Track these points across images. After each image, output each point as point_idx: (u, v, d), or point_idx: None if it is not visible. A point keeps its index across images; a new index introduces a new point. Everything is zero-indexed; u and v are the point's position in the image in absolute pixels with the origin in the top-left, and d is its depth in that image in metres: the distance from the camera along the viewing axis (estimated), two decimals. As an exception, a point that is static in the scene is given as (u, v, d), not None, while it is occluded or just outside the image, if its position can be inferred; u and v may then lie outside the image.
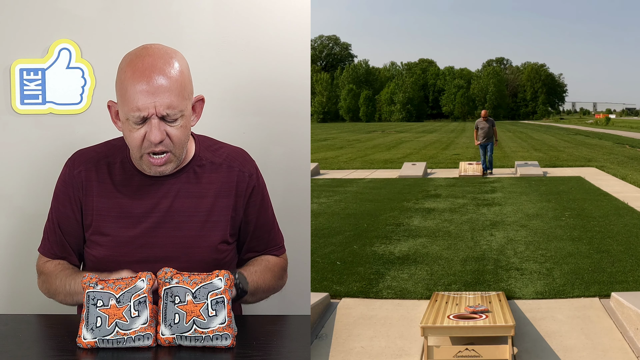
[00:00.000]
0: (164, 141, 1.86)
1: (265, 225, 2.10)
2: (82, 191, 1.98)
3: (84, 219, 1.99)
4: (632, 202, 7.55)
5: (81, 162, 2.01)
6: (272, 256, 2.11)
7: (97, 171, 1.99)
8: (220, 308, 1.65)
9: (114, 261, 1.93)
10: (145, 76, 1.80)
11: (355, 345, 3.28)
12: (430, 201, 8.10)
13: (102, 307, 1.64)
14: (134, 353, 1.63)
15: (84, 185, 1.98)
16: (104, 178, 1.98)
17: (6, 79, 2.56)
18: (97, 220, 1.97)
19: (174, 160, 1.92)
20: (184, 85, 1.86)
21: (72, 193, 1.99)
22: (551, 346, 3.22)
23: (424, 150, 17.85)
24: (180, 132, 1.88)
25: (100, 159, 2.00)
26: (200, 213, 1.98)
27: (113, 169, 1.98)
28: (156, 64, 1.82)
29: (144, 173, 1.96)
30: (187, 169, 1.99)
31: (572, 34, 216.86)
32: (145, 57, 1.83)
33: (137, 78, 1.81)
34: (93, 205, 1.97)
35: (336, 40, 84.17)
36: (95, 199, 1.97)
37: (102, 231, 1.97)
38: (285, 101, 2.62)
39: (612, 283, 4.28)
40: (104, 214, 1.97)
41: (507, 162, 13.08)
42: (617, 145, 18.57)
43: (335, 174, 11.70)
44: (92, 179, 1.98)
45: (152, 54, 1.84)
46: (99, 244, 1.97)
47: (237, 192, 2.02)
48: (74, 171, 2.00)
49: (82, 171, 1.99)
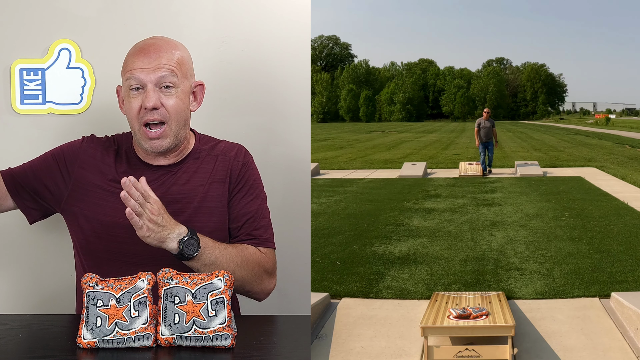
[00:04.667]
0: (160, 110, 1.97)
1: (249, 214, 2.08)
2: (78, 163, 2.07)
3: (71, 189, 2.06)
4: (632, 202, 7.55)
5: (93, 142, 2.13)
6: (251, 246, 2.06)
7: (104, 154, 2.09)
8: (220, 308, 1.65)
9: (104, 237, 2.02)
10: (144, 50, 2.00)
11: (355, 345, 3.28)
12: (430, 201, 8.10)
13: (102, 307, 1.64)
14: (134, 353, 1.63)
15: (86, 160, 2.08)
16: (109, 162, 2.08)
17: (6, 79, 2.56)
18: (85, 194, 2.04)
19: (170, 135, 2.00)
20: (182, 62, 2.02)
21: (67, 160, 2.09)
22: (551, 346, 3.22)
23: (424, 150, 17.84)
24: (175, 104, 1.99)
25: (110, 145, 2.12)
26: (196, 199, 2.03)
27: (119, 154, 2.09)
28: (156, 43, 2.02)
29: (147, 162, 2.05)
30: (187, 159, 2.08)
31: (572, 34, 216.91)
32: (149, 40, 2.04)
33: (137, 52, 2.00)
34: (87, 179, 2.06)
35: (336, 40, 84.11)
36: (91, 175, 2.06)
37: (92, 209, 2.04)
38: (285, 101, 2.62)
39: (612, 283, 4.27)
40: (97, 187, 2.04)
41: (507, 162, 13.07)
42: (617, 145, 18.56)
43: (335, 174, 11.69)
44: (97, 158, 2.08)
45: (157, 39, 2.05)
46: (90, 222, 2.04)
47: (230, 179, 2.08)
48: (83, 143, 2.12)
49: (91, 148, 2.10)
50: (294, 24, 2.60)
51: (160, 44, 2.01)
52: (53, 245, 2.56)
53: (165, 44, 2.02)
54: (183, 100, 2.02)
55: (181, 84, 2.01)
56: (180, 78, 2.00)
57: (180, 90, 2.00)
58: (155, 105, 1.96)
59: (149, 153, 2.05)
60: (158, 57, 1.97)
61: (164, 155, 2.05)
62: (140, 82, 1.97)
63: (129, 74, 1.98)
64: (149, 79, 1.96)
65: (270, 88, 2.61)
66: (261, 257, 2.06)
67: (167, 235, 1.85)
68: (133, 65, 1.98)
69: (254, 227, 2.09)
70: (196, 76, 2.12)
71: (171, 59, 1.99)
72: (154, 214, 1.82)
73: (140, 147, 2.05)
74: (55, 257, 2.58)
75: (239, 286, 2.02)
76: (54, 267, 2.59)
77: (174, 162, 2.07)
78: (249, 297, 2.10)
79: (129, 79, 1.98)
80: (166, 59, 1.98)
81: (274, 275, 2.11)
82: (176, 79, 1.99)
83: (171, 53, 2.00)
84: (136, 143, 2.07)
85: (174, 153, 2.06)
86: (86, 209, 2.04)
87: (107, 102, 2.54)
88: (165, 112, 1.98)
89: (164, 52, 1.99)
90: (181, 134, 2.04)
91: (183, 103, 2.02)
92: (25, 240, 2.61)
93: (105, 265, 2.01)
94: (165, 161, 2.06)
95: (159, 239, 1.85)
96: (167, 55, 1.99)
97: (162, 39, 2.04)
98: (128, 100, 1.99)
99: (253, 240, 2.08)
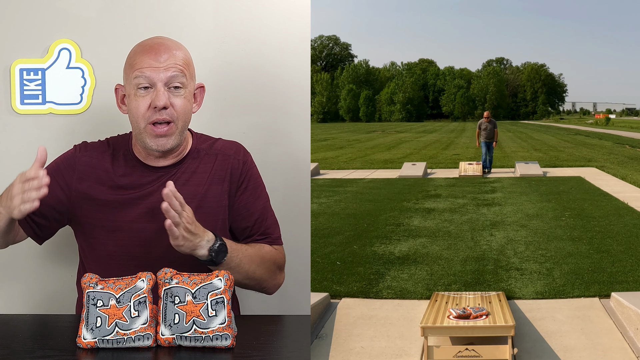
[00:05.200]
0: (168, 110, 1.95)
1: (257, 213, 2.11)
2: (76, 175, 2.05)
3: (71, 203, 2.04)
4: (632, 202, 7.55)
5: (87, 149, 2.09)
6: (267, 245, 2.11)
7: (100, 160, 2.06)
8: (220, 308, 1.65)
9: (106, 243, 2.01)
10: (154, 49, 1.97)
11: (355, 345, 3.28)
12: (430, 201, 8.10)
13: (102, 307, 1.64)
14: (133, 353, 1.63)
15: (83, 170, 2.05)
16: (106, 167, 2.05)
17: (6, 79, 2.56)
18: (87, 205, 2.03)
19: (176, 133, 1.99)
20: (188, 63, 2.01)
21: (64, 175, 2.05)
22: (551, 346, 3.22)
23: (424, 150, 17.84)
24: (183, 104, 1.98)
25: (105, 150, 2.09)
26: (196, 199, 2.03)
27: (116, 157, 2.07)
28: (164, 42, 2.00)
29: (145, 163, 2.04)
30: (186, 160, 2.07)
31: (572, 34, 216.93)
32: (156, 39, 2.02)
33: (146, 50, 1.97)
34: (87, 191, 2.04)
35: (336, 40, 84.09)
36: (90, 184, 2.04)
37: (93, 217, 2.03)
38: (285, 101, 2.62)
39: (612, 283, 4.27)
40: (98, 199, 2.02)
41: (507, 162, 13.07)
42: (617, 145, 18.56)
43: (335, 174, 11.69)
44: (94, 165, 2.06)
45: (164, 39, 2.03)
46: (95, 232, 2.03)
47: (231, 178, 2.08)
48: (77, 153, 2.08)
49: (85, 156, 2.07)
50: (294, 24, 2.60)
51: (168, 43, 2.00)
52: (53, 245, 2.56)
53: (173, 44, 2.01)
54: (189, 101, 2.02)
55: (189, 84, 2.00)
56: (188, 79, 2.00)
57: (187, 91, 2.00)
58: (166, 104, 1.94)
59: (150, 154, 2.04)
60: (169, 57, 1.96)
61: (164, 156, 2.04)
62: (149, 81, 1.94)
63: (138, 72, 1.94)
64: (159, 78, 1.94)
65: (270, 88, 2.61)
66: (276, 255, 2.12)
67: (198, 242, 1.87)
68: (142, 64, 1.95)
69: (265, 225, 2.13)
70: (196, 77, 2.12)
71: (181, 59, 1.98)
72: (189, 222, 1.83)
73: (142, 147, 2.03)
74: (55, 257, 2.58)
75: (257, 284, 2.07)
76: (54, 267, 2.59)
77: (173, 163, 2.06)
78: (261, 292, 2.14)
79: (138, 77, 1.94)
80: (176, 58, 1.97)
81: (283, 269, 2.17)
82: (185, 80, 1.98)
83: (180, 53, 1.99)
84: (136, 144, 2.06)
85: (173, 154, 2.06)
86: (88, 217, 2.04)
87: (107, 102, 2.54)
88: (173, 112, 1.96)
89: (173, 52, 1.98)
90: (183, 135, 2.04)
91: (189, 104, 2.02)
92: (25, 240, 2.61)
93: (106, 267, 2.01)
94: (165, 162, 2.06)
95: (191, 247, 1.87)
96: (177, 55, 1.98)
97: (168, 39, 2.03)
98: (134, 99, 1.96)
99: (267, 239, 2.12)
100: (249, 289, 2.11)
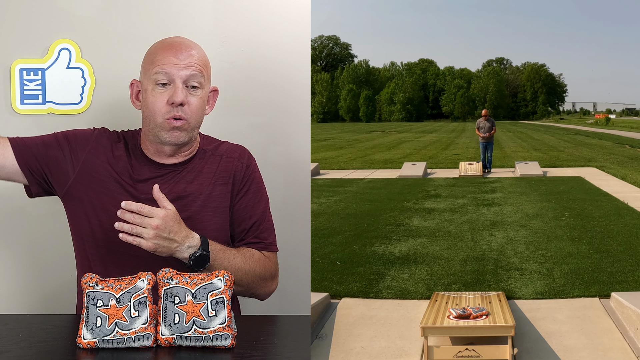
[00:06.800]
0: (184, 108, 1.96)
1: (254, 217, 2.10)
2: (88, 149, 2.05)
3: (78, 173, 2.03)
4: (632, 202, 7.55)
5: (105, 133, 2.11)
6: (257, 252, 2.09)
7: (114, 147, 2.07)
8: (220, 308, 1.65)
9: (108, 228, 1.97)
10: (175, 47, 1.98)
11: (355, 345, 3.28)
12: (430, 201, 8.10)
13: (102, 307, 1.64)
14: (133, 353, 1.63)
15: (96, 147, 2.06)
16: (119, 154, 2.06)
17: (6, 79, 2.56)
18: (96, 184, 2.02)
19: (189, 130, 2.00)
20: (206, 65, 2.03)
21: (78, 144, 2.06)
22: (551, 346, 3.22)
23: (424, 150, 17.84)
24: (198, 104, 1.99)
25: (119, 139, 2.10)
26: (201, 197, 2.03)
27: (127, 150, 2.07)
28: (185, 42, 2.02)
29: (153, 160, 2.04)
30: (193, 159, 2.08)
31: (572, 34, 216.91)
32: (176, 38, 2.03)
33: (167, 47, 1.99)
34: (97, 168, 2.04)
35: (336, 40, 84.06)
36: (101, 163, 2.04)
37: (100, 198, 2.02)
38: (285, 101, 2.62)
39: (612, 283, 4.27)
40: (106, 180, 2.02)
41: (507, 162, 13.07)
42: (617, 145, 18.56)
43: (335, 174, 11.69)
44: (108, 148, 2.06)
45: (183, 38, 2.04)
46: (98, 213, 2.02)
47: (234, 180, 2.08)
48: (95, 131, 2.10)
49: (103, 137, 2.08)
50: (294, 24, 2.60)
51: (189, 43, 2.01)
52: (53, 245, 2.56)
53: (193, 45, 2.02)
54: (204, 103, 2.03)
55: (205, 85, 2.02)
56: (205, 80, 2.01)
57: (204, 92, 2.01)
58: (183, 101, 1.95)
59: (159, 150, 2.03)
60: (190, 56, 1.97)
61: (174, 154, 2.04)
62: (169, 78, 1.95)
63: (159, 68, 1.95)
64: (179, 75, 1.95)
65: (270, 88, 2.61)
66: (266, 262, 2.09)
67: (175, 248, 1.87)
68: (164, 60, 1.96)
69: (261, 230, 2.11)
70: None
71: (200, 60, 1.99)
72: (159, 228, 1.83)
73: (154, 142, 2.02)
74: (55, 256, 2.58)
75: (244, 290, 2.05)
76: (54, 267, 2.59)
77: (181, 162, 2.06)
78: (251, 297, 2.12)
79: (158, 74, 1.95)
80: (196, 58, 1.98)
81: (276, 277, 2.14)
82: (202, 80, 1.99)
83: (200, 54, 2.01)
84: (144, 140, 2.06)
85: (182, 153, 2.06)
86: (94, 197, 2.02)
87: (107, 102, 2.54)
88: (188, 110, 1.97)
89: (193, 52, 1.99)
90: (194, 135, 2.04)
91: (204, 105, 2.03)
92: (25, 240, 2.61)
93: (107, 255, 2.01)
94: (173, 160, 2.06)
95: (167, 252, 1.88)
96: (197, 55, 1.99)
97: (188, 40, 2.04)
98: (152, 94, 1.96)
99: (259, 244, 2.10)
100: (238, 295, 2.11)
